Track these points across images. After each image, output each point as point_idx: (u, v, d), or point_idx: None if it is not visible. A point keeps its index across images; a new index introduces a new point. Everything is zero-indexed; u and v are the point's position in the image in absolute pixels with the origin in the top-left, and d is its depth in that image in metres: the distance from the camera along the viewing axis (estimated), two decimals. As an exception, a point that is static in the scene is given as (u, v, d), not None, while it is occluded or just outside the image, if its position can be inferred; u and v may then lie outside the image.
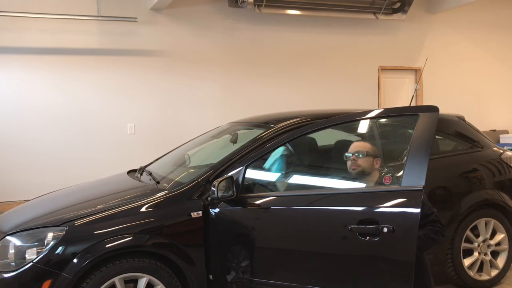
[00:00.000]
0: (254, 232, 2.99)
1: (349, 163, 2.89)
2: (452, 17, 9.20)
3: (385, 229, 2.42)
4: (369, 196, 2.66)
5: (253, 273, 2.94)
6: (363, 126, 3.40)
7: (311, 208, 2.82)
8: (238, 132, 3.94)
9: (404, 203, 2.43)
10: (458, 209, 3.66)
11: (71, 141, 6.89)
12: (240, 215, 3.02)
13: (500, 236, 3.90)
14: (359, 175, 2.83)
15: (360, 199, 2.67)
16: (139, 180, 3.67)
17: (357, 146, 2.92)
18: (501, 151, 4.13)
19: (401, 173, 2.53)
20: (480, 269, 3.86)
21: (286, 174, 3.46)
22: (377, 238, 2.46)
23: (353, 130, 3.61)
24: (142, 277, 2.87)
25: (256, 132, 3.51)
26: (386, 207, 2.49)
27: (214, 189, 2.90)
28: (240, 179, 2.97)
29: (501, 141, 9.05)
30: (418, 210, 2.35)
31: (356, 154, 2.85)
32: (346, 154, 2.90)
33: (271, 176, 3.33)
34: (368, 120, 3.22)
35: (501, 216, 3.89)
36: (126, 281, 2.87)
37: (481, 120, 8.89)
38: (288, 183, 3.34)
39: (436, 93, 9.07)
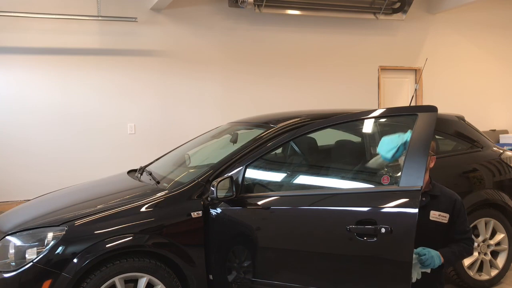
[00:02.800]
0: (254, 232, 2.99)
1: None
2: (452, 17, 9.20)
3: (383, 230, 2.41)
4: (367, 196, 2.65)
5: (253, 273, 2.94)
6: (362, 126, 3.40)
7: (310, 208, 2.81)
8: (238, 132, 3.94)
9: (402, 204, 2.41)
10: (458, 209, 3.66)
11: (71, 141, 6.89)
12: (240, 215, 3.02)
13: (500, 236, 3.91)
14: None
15: (358, 199, 2.66)
16: (139, 180, 3.67)
17: None
18: (501, 151, 4.13)
19: (399, 173, 2.52)
20: (480, 269, 3.87)
21: (286, 174, 3.46)
22: (375, 239, 2.45)
23: (352, 130, 3.61)
24: (142, 277, 2.87)
25: (256, 132, 3.51)
26: (384, 208, 2.49)
27: (213, 189, 2.90)
28: (240, 179, 2.98)
29: (501, 141, 9.04)
30: (416, 211, 2.33)
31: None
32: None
33: (270, 176, 3.33)
34: (367, 120, 3.22)
35: (501, 216, 3.89)
36: (126, 281, 2.88)
37: (481, 120, 8.90)
38: (288, 184, 3.34)
39: (436, 93, 9.07)
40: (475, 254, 3.81)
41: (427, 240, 2.45)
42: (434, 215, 2.52)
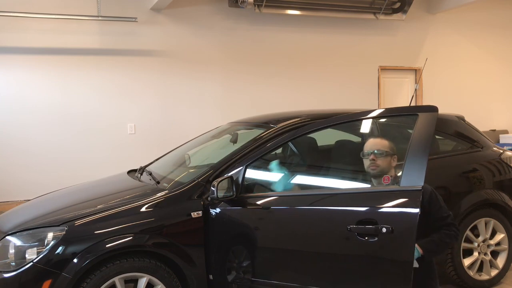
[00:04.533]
0: (254, 232, 2.99)
1: (366, 162, 2.71)
2: (452, 17, 9.20)
3: (384, 229, 2.42)
4: (368, 196, 2.66)
5: (253, 273, 2.94)
6: (363, 126, 3.40)
7: (310, 208, 2.82)
8: (238, 132, 3.94)
9: (403, 204, 2.42)
10: (458, 209, 3.66)
11: (71, 141, 6.89)
12: (240, 215, 3.02)
13: (500, 236, 3.90)
14: (377, 175, 2.70)
15: (359, 199, 2.66)
16: (139, 180, 3.67)
17: (376, 143, 2.73)
18: (501, 151, 4.13)
19: (400, 173, 2.53)
20: (480, 269, 3.87)
21: (286, 174, 3.46)
22: (376, 239, 2.46)
23: (352, 130, 3.61)
24: (142, 277, 2.87)
25: (256, 132, 3.51)
26: (385, 208, 2.49)
27: (213, 189, 2.90)
28: (240, 179, 2.98)
29: (501, 141, 9.04)
30: (417, 210, 2.35)
31: (376, 153, 2.68)
32: (364, 151, 2.74)
33: (271, 176, 3.33)
34: (368, 120, 3.22)
35: (501, 216, 3.89)
36: (126, 281, 2.87)
37: (481, 120, 8.90)
38: (288, 183, 3.34)
39: (436, 93, 9.07)
40: (475, 254, 3.81)
41: None
42: None
